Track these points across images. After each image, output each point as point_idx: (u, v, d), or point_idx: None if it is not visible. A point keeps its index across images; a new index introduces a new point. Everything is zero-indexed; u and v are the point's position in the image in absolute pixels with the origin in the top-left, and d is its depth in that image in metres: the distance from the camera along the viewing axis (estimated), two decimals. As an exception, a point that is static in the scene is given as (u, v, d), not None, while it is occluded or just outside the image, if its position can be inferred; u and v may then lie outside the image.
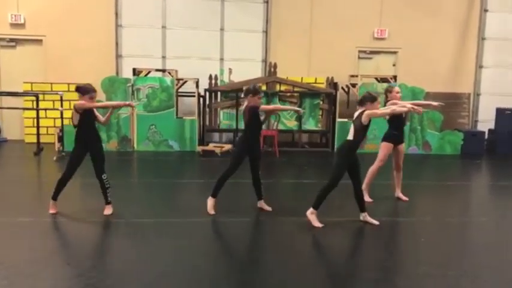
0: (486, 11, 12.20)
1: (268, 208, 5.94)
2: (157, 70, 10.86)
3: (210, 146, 10.46)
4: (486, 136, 11.55)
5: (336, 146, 10.93)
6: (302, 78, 11.26)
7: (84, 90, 5.37)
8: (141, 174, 8.75)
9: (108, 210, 5.64)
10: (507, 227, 5.81)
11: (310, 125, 11.03)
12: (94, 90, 5.44)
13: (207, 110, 10.77)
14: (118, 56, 11.59)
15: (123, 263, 4.26)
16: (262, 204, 5.97)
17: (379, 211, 5.89)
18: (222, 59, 11.82)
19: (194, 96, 10.68)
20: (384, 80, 11.05)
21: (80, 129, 5.41)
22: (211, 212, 5.72)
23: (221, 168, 5.84)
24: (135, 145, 10.44)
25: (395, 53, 12.26)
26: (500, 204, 7.07)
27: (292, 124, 10.93)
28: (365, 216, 5.52)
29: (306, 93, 10.85)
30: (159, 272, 4.05)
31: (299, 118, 10.72)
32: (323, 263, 4.41)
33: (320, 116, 11.06)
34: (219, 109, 10.81)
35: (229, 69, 10.86)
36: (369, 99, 5.21)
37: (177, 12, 11.60)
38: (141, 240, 4.88)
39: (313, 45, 11.94)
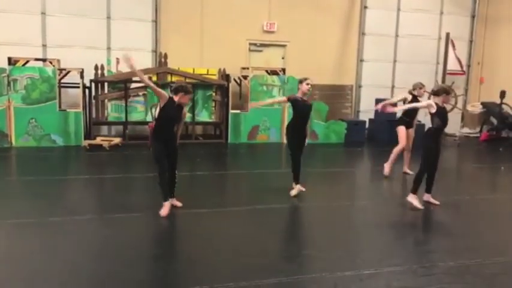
0: (366, 7, 13.01)
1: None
2: (36, 59, 10.01)
3: (98, 140, 9.97)
4: (367, 125, 12.38)
5: (229, 137, 11.02)
6: (194, 69, 11.14)
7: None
8: (21, 171, 8.12)
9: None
10: (385, 208, 6.26)
11: (203, 116, 10.99)
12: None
13: (94, 101, 10.24)
14: (-9, 44, 10.53)
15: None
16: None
17: (269, 198, 6.05)
18: (109, 49, 11.25)
19: (79, 87, 10.08)
20: (273, 72, 11.33)
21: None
22: None
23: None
24: (13, 140, 9.60)
25: (284, 46, 12.60)
26: (379, 188, 7.63)
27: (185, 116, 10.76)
28: (429, 198, 6.17)
29: (199, 85, 10.77)
30: (31, 271, 3.80)
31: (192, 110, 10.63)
32: (213, 252, 4.42)
33: (213, 108, 11.06)
34: (106, 101, 10.33)
35: (117, 59, 10.39)
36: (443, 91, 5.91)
37: (59, -2, 10.81)
38: (15, 240, 4.52)
39: (205, 37, 11.85)
